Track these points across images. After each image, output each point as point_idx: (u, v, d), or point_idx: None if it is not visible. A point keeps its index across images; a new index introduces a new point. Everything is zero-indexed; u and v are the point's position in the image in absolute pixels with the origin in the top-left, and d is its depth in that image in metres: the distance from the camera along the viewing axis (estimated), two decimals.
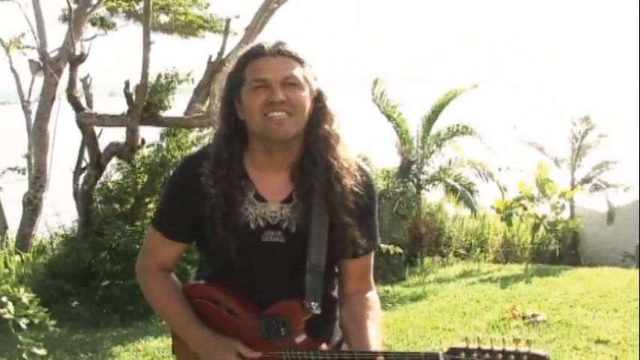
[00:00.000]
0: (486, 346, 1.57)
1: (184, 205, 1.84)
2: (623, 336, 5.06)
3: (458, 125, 11.05)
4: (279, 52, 1.76)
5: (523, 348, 1.55)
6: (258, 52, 1.77)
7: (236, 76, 1.79)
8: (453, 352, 1.60)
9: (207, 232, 1.80)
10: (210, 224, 1.78)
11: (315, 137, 1.79)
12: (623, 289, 6.85)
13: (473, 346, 1.58)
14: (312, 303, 1.75)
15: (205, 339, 1.82)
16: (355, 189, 1.80)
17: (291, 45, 1.79)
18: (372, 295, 1.91)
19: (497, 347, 1.56)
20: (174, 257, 1.95)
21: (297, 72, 1.76)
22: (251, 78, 1.75)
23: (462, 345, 1.59)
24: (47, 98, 8.44)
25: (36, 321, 3.94)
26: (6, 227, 8.89)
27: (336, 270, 1.93)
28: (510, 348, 1.55)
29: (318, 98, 1.81)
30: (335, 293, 1.93)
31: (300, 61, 1.78)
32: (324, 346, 1.81)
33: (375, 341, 1.77)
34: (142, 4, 10.02)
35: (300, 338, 1.78)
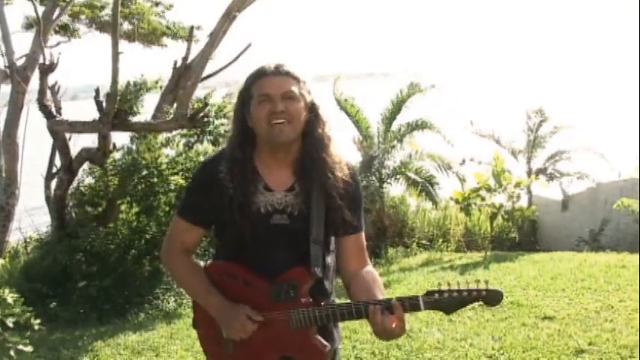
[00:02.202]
0: (455, 287, 2.07)
1: (205, 197, 2.22)
2: (568, 312, 5.49)
3: (417, 121, 11.46)
4: (279, 72, 2.17)
5: (482, 286, 2.07)
6: (262, 73, 2.18)
7: (245, 93, 2.20)
8: (430, 293, 2.07)
9: (225, 219, 2.19)
10: (229, 212, 2.17)
11: (311, 139, 2.20)
12: (572, 270, 7.29)
13: (444, 288, 2.07)
14: (316, 268, 2.16)
15: (222, 305, 2.19)
16: (345, 179, 2.22)
17: (289, 65, 2.20)
18: (372, 269, 2.31)
19: (463, 287, 2.07)
20: (195, 241, 2.35)
21: (294, 88, 2.15)
22: (257, 93, 2.15)
23: (436, 288, 2.08)
24: (16, 106, 8.55)
25: (22, 320, 4.15)
26: None
27: (332, 248, 2.32)
28: (473, 287, 2.07)
29: (312, 108, 2.21)
30: (329, 260, 2.32)
31: (296, 79, 2.18)
32: (323, 304, 2.20)
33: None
34: (104, 12, 10.22)
35: (306, 299, 2.16)
